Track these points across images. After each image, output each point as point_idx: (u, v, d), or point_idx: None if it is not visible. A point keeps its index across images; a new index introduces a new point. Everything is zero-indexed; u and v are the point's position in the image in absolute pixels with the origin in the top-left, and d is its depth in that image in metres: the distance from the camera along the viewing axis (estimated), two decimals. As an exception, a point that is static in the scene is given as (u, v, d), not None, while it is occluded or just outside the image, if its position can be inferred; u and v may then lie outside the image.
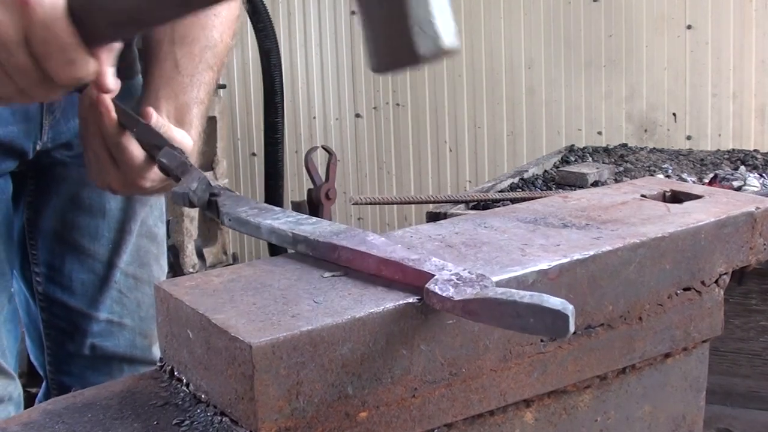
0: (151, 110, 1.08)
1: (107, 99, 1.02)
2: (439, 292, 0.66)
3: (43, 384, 1.41)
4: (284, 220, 0.83)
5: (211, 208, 0.93)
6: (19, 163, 1.21)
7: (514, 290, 0.63)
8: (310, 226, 0.81)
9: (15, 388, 1.22)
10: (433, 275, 0.68)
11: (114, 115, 1.03)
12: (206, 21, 1.16)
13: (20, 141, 1.18)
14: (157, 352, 1.23)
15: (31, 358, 1.42)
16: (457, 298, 0.65)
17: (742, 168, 2.14)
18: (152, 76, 1.16)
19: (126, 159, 1.05)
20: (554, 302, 0.60)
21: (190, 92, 1.15)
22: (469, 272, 0.69)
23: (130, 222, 1.35)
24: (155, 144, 1.04)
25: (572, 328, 0.59)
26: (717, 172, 2.13)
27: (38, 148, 1.21)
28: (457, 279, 0.67)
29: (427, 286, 0.68)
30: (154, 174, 1.07)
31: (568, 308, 0.59)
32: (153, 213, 1.39)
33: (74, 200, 1.30)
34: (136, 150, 1.05)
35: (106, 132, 1.04)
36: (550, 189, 2.13)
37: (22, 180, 1.27)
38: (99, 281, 1.33)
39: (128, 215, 1.35)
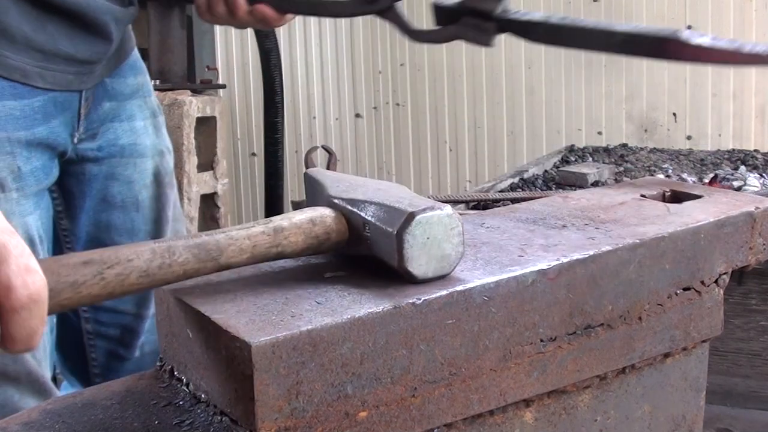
0: None
1: None
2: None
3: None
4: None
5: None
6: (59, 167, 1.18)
7: None
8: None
9: None
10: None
11: None
12: None
13: (62, 136, 1.16)
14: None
15: (63, 374, 1.38)
16: None
17: (742, 168, 2.14)
18: None
19: None
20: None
21: None
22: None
23: (165, 209, 1.31)
24: None
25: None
26: (717, 172, 2.13)
27: (74, 141, 1.18)
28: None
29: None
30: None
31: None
32: (177, 194, 1.36)
33: (105, 199, 1.27)
34: None
35: None
36: (550, 189, 2.13)
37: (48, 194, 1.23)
38: None
39: (161, 203, 1.31)
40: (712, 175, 2.08)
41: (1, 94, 1.04)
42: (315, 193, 0.82)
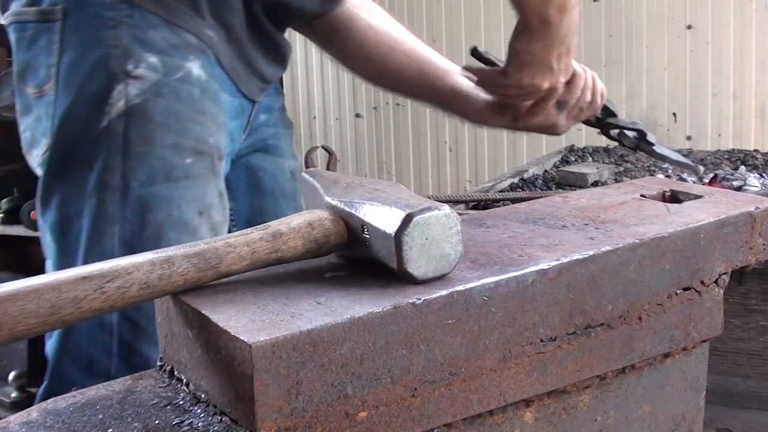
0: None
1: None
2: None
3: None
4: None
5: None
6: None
7: None
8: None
9: None
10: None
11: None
12: None
13: (237, 135, 1.32)
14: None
15: None
16: None
17: (742, 168, 2.14)
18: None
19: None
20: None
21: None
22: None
23: (300, 200, 1.44)
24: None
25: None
26: (717, 172, 2.12)
27: (241, 141, 1.35)
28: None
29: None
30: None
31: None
32: None
33: (258, 187, 1.45)
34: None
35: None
36: (550, 189, 2.13)
37: None
38: None
39: (298, 195, 1.46)
40: (712, 175, 2.08)
41: (224, 88, 1.24)
42: (312, 196, 0.82)
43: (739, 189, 1.87)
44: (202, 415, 0.70)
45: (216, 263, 0.70)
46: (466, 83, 1.46)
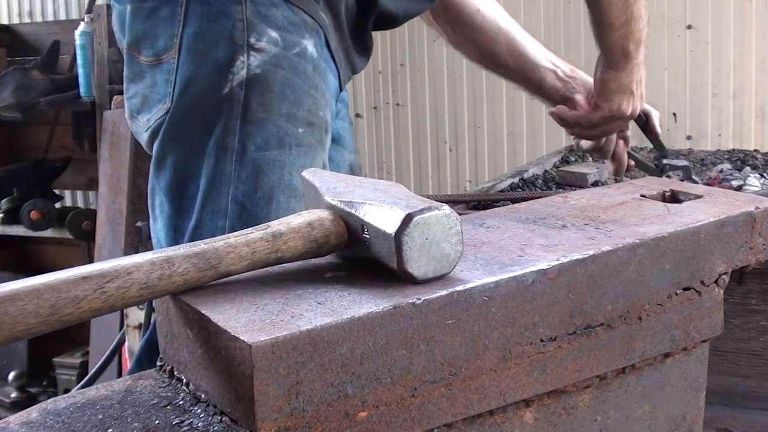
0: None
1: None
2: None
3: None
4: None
5: None
6: None
7: None
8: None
9: None
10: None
11: None
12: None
13: (334, 118, 1.39)
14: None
15: None
16: None
17: (747, 168, 2.14)
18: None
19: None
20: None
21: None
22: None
23: None
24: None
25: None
26: (717, 171, 2.12)
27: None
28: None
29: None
30: None
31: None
32: None
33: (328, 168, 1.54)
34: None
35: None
36: (550, 189, 2.12)
37: None
38: None
39: None
40: (712, 175, 2.08)
41: (331, 70, 1.32)
42: (312, 196, 0.82)
43: (739, 189, 1.86)
44: (202, 415, 0.70)
45: (216, 263, 0.70)
46: (551, 80, 1.74)
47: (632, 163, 1.87)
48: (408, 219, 0.70)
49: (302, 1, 1.26)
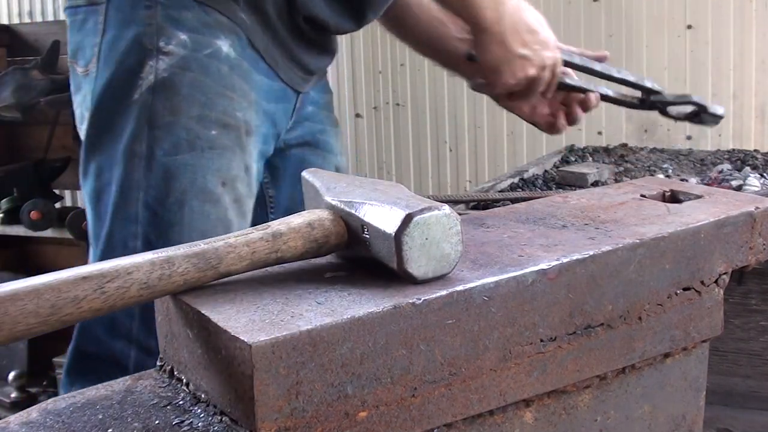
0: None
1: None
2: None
3: None
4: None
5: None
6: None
7: None
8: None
9: None
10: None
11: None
12: None
13: (281, 120, 1.37)
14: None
15: None
16: None
17: (747, 168, 2.14)
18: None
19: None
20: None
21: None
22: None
23: None
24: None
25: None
26: (717, 171, 2.12)
27: (286, 128, 1.39)
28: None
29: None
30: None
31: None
32: None
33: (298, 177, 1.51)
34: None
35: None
36: (550, 189, 2.13)
37: None
38: None
39: None
40: (712, 175, 2.08)
41: (258, 69, 1.29)
42: (312, 195, 0.82)
43: (739, 189, 1.86)
44: (202, 415, 0.70)
45: (216, 263, 0.70)
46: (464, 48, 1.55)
47: (580, 113, 1.56)
48: (408, 219, 0.70)
49: (217, 2, 1.24)
